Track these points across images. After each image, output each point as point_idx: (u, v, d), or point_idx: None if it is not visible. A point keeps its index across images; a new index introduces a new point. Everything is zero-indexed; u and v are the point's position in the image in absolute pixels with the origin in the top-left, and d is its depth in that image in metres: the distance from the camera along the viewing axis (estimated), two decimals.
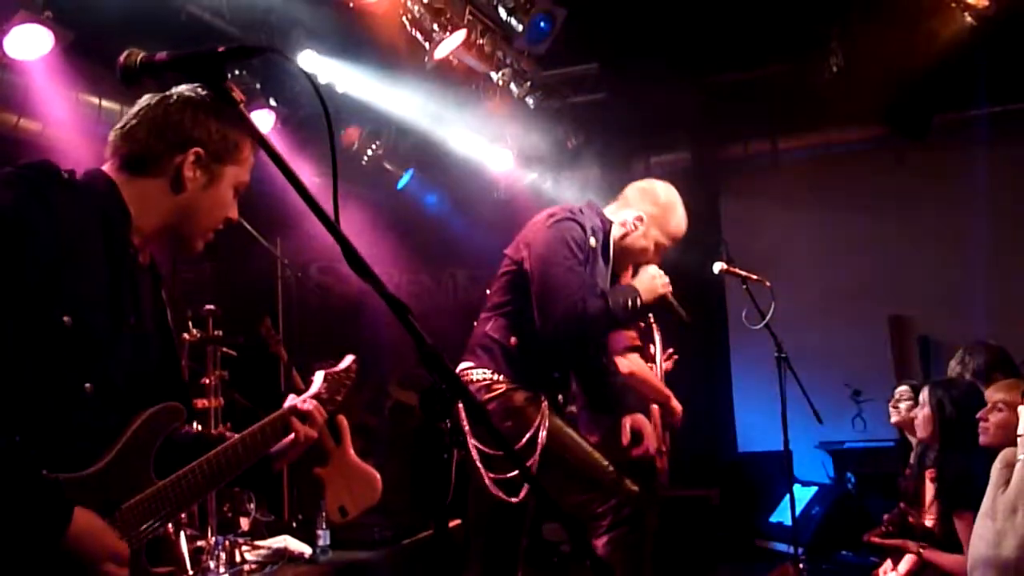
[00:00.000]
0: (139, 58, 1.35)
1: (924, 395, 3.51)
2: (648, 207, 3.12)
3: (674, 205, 3.16)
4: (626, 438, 3.10)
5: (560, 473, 2.86)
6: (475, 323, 3.08)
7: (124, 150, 1.62)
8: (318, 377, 1.96)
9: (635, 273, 3.13)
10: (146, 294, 1.68)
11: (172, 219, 1.66)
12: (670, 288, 3.05)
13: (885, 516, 3.78)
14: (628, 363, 4.18)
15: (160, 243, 1.71)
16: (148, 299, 1.68)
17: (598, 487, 2.90)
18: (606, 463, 2.93)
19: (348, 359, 2.06)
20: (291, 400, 1.87)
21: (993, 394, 3.05)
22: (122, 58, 1.35)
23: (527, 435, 2.82)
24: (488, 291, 3.13)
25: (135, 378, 1.60)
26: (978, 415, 3.06)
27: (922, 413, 3.49)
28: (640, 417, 3.21)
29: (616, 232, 3.09)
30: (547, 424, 2.86)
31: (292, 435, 1.79)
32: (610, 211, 3.15)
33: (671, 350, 4.64)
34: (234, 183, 1.70)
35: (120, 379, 1.56)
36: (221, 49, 1.30)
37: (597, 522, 2.88)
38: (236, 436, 1.74)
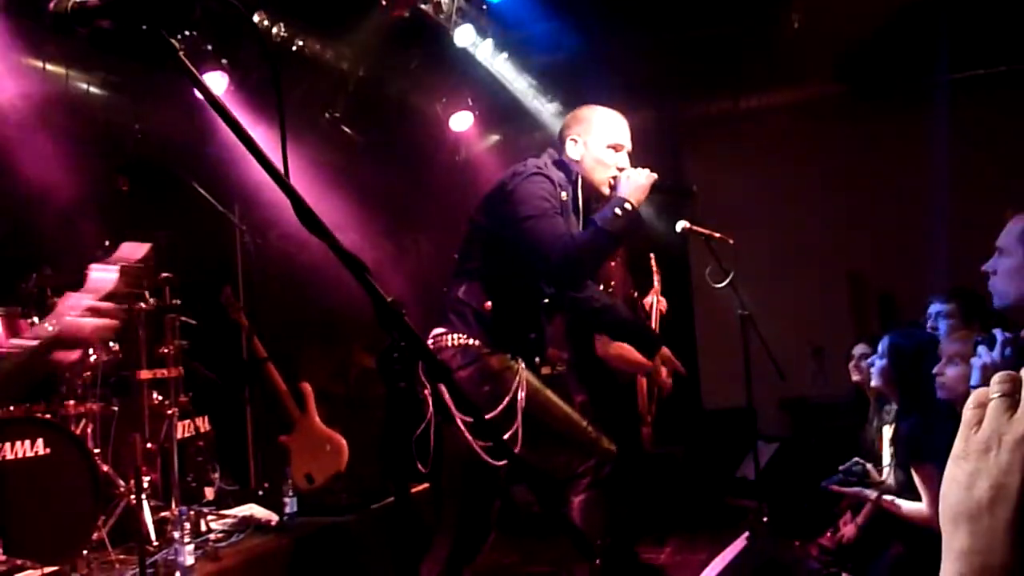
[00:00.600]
0: (70, 4, 1.27)
1: (882, 346, 3.52)
2: (571, 127, 3.09)
3: (593, 110, 3.12)
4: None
5: (539, 434, 2.87)
6: (444, 289, 3.04)
7: None
8: (107, 275, 1.67)
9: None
10: None
11: None
12: (654, 175, 2.99)
13: (841, 466, 3.84)
14: (603, 344, 4.20)
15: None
16: None
17: (577, 447, 2.92)
18: (585, 423, 2.95)
19: (143, 247, 1.78)
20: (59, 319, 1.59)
21: (948, 347, 3.06)
22: (52, 3, 1.28)
23: (506, 399, 2.81)
24: (456, 255, 3.09)
25: None
26: (934, 370, 3.08)
27: (878, 364, 3.50)
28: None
29: (577, 167, 3.06)
30: (525, 387, 2.85)
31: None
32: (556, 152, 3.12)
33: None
34: None
35: None
36: None
37: (576, 481, 2.90)
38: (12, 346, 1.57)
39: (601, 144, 3.04)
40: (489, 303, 2.88)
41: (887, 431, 3.76)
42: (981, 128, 6.17)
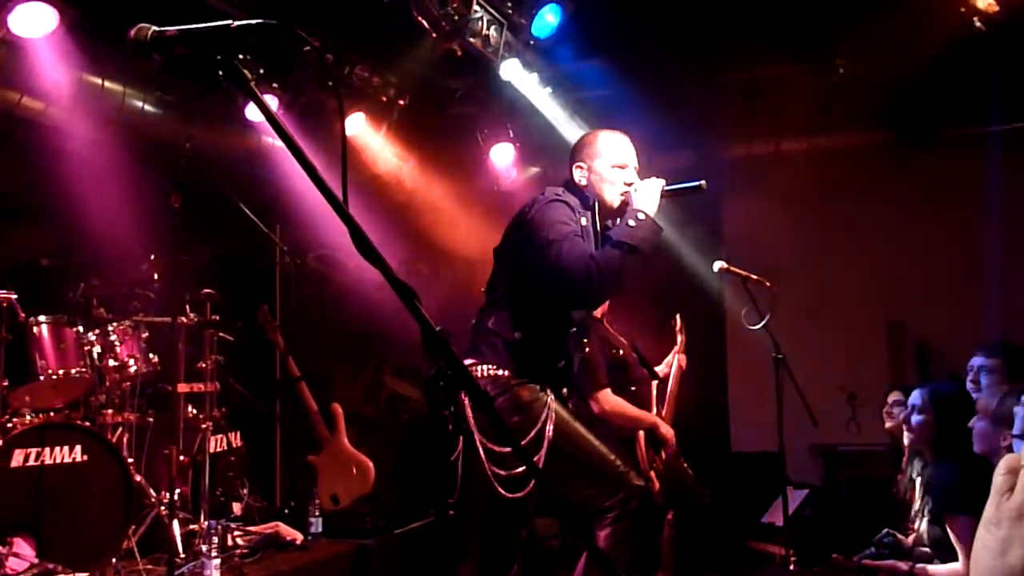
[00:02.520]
0: (150, 32, 1.33)
1: (917, 399, 3.48)
2: (578, 154, 3.13)
3: (594, 135, 3.17)
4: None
5: (567, 466, 2.87)
6: (474, 320, 3.07)
7: None
8: None
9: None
10: None
11: None
12: (662, 181, 3.01)
13: (874, 539, 3.77)
14: (599, 402, 4.19)
15: None
16: None
17: (605, 480, 2.91)
18: (613, 456, 2.95)
19: None
20: None
21: (988, 401, 3.02)
22: (132, 32, 1.34)
23: (534, 430, 2.82)
24: (484, 289, 3.12)
25: None
26: (970, 423, 3.03)
27: (916, 419, 3.46)
28: None
29: (589, 192, 3.09)
30: (554, 418, 2.86)
31: None
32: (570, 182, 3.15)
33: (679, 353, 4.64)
34: None
35: None
36: (233, 25, 1.29)
37: (603, 515, 2.90)
38: None
39: (606, 165, 3.09)
40: (518, 333, 2.90)
41: (919, 483, 3.70)
42: None
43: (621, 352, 4.45)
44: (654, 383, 4.62)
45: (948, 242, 6.42)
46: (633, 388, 4.53)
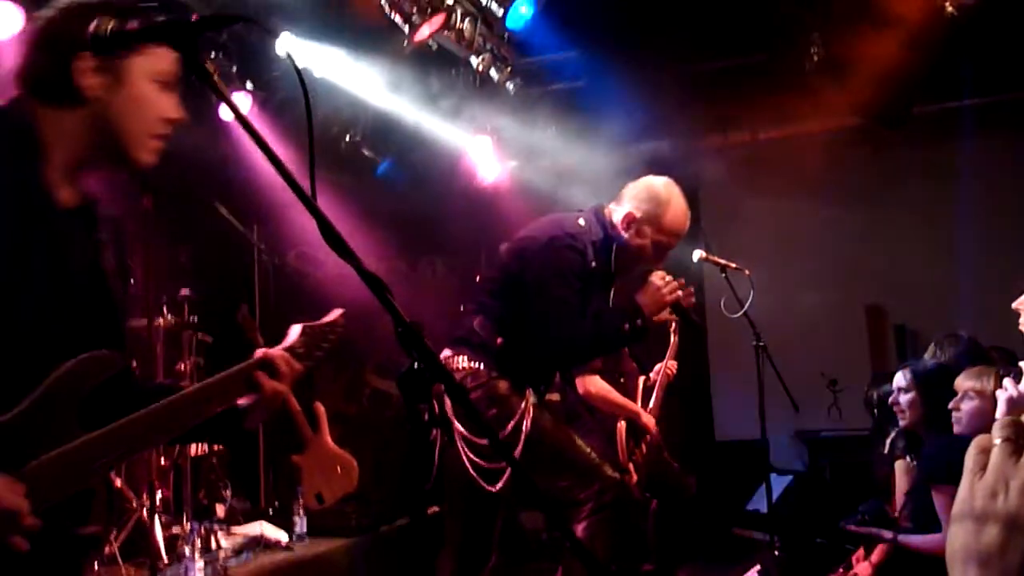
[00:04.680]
0: (110, 26, 1.31)
1: (901, 380, 3.50)
2: (641, 204, 3.02)
3: (670, 200, 3.04)
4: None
5: (543, 460, 2.88)
6: (461, 314, 3.05)
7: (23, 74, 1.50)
8: (294, 330, 1.80)
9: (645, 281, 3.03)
10: (72, 236, 1.55)
11: (92, 138, 1.51)
12: (679, 294, 2.95)
13: (861, 507, 3.80)
14: (585, 384, 4.19)
15: (99, 172, 1.60)
16: (75, 242, 1.55)
17: (580, 473, 2.92)
18: (588, 450, 2.96)
19: (335, 312, 1.89)
20: (260, 352, 1.71)
21: (963, 382, 3.03)
22: (92, 27, 1.31)
23: (511, 423, 2.82)
24: (478, 281, 3.11)
25: (57, 326, 1.49)
26: (950, 405, 3.05)
27: (905, 397, 3.47)
28: None
29: (620, 238, 3.03)
30: (531, 412, 2.86)
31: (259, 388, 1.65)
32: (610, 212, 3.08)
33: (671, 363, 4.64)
34: (151, 74, 1.51)
35: (31, 328, 1.45)
36: (196, 18, 1.27)
37: (578, 508, 2.89)
38: (193, 386, 1.64)
39: (661, 236, 3.01)
40: (500, 340, 2.91)
41: (900, 465, 3.73)
42: (1006, 155, 6.16)
43: None
44: (641, 379, 4.62)
45: (925, 224, 6.47)
46: (622, 379, 4.54)
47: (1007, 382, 2.06)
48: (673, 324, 4.85)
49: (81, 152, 1.53)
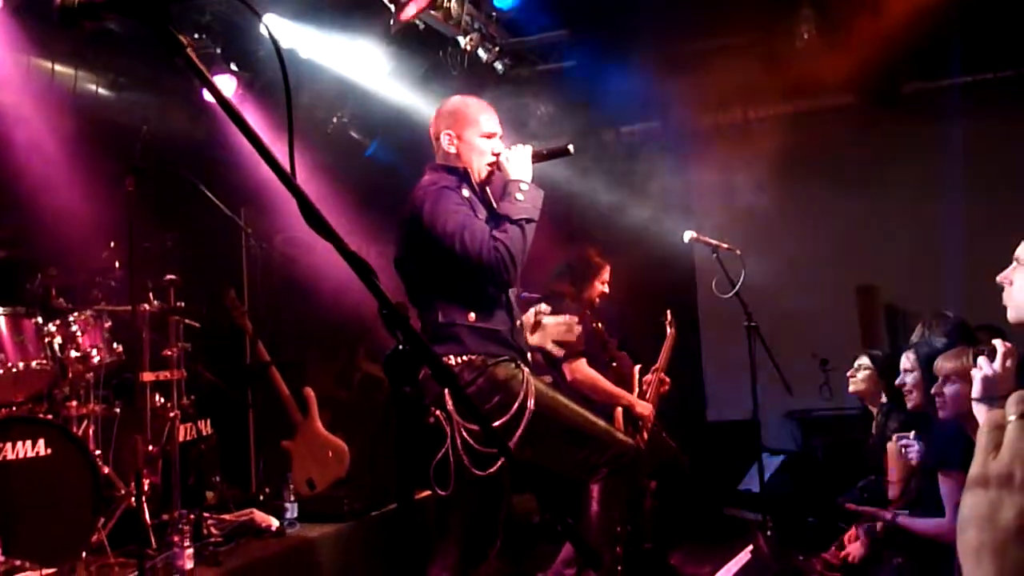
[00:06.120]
0: None
1: (906, 362, 3.47)
2: (447, 123, 3.07)
3: (465, 101, 3.12)
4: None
5: (554, 435, 2.90)
6: (420, 326, 3.00)
7: None
8: None
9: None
10: None
11: None
12: (530, 147, 3.02)
13: (860, 483, 3.80)
14: (572, 371, 4.17)
15: None
16: None
17: (594, 441, 2.96)
18: (595, 418, 2.98)
19: None
20: None
21: (943, 365, 2.99)
22: None
23: (515, 405, 2.81)
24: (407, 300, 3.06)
25: None
26: (932, 390, 3.02)
27: (911, 377, 3.44)
28: None
29: (457, 161, 3.04)
30: (533, 391, 2.85)
31: None
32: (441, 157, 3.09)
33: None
34: None
35: None
36: None
37: (596, 470, 2.95)
38: None
39: (476, 135, 3.05)
40: (472, 314, 2.88)
41: (892, 446, 3.72)
42: (994, 134, 6.15)
43: (602, 325, 4.43)
44: (636, 367, 4.61)
45: (916, 203, 6.45)
46: (614, 364, 4.52)
47: (982, 360, 2.00)
48: (669, 316, 4.85)
49: None
